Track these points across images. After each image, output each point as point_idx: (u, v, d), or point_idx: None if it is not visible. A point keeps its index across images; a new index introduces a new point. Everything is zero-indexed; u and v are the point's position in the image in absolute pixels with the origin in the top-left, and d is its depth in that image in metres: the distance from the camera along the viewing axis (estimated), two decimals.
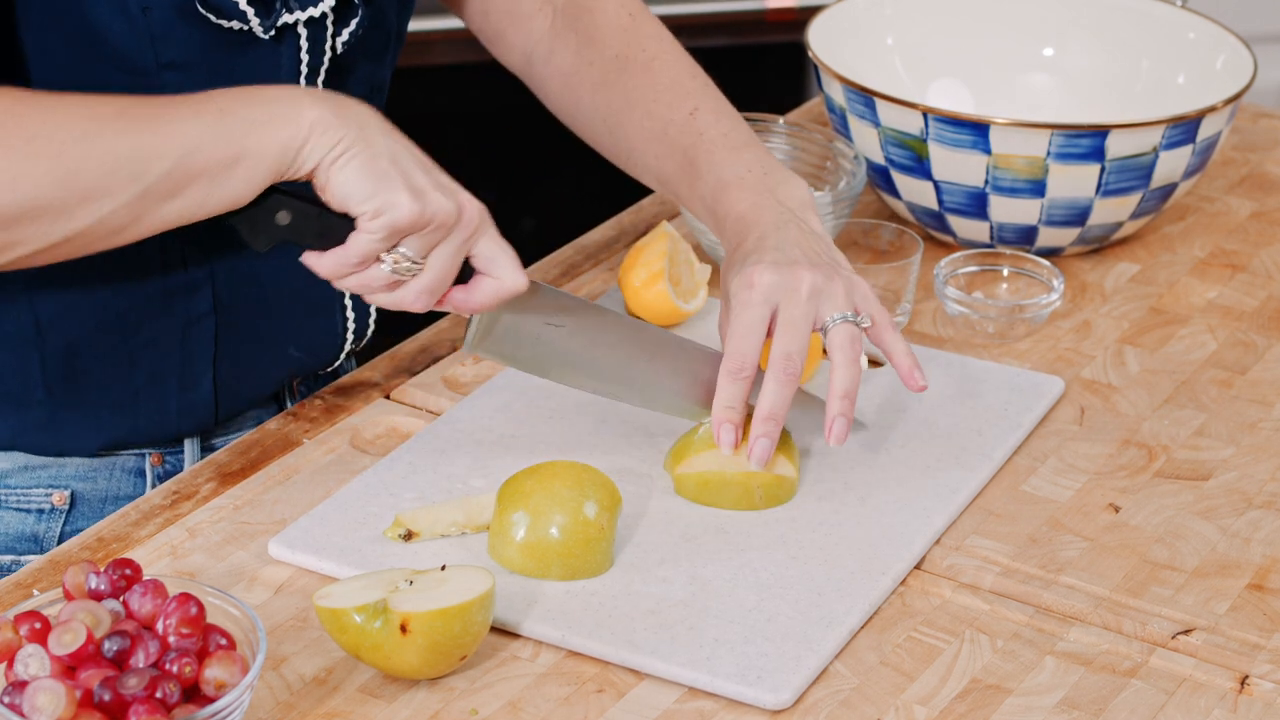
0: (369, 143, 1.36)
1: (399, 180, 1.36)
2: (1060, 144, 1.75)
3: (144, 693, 1.17)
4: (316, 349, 1.60)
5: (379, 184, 1.35)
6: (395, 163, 1.36)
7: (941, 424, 1.59)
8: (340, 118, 1.35)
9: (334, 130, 1.35)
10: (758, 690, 1.31)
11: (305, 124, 1.34)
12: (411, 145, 1.39)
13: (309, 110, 1.35)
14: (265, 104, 1.35)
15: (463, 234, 1.39)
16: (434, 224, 1.37)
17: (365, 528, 1.45)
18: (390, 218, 1.36)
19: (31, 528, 1.56)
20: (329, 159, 1.35)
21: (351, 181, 1.35)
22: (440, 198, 1.37)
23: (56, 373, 1.50)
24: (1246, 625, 1.40)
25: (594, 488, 1.41)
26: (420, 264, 1.39)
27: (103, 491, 1.57)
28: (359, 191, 1.35)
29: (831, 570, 1.42)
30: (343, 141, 1.35)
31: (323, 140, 1.35)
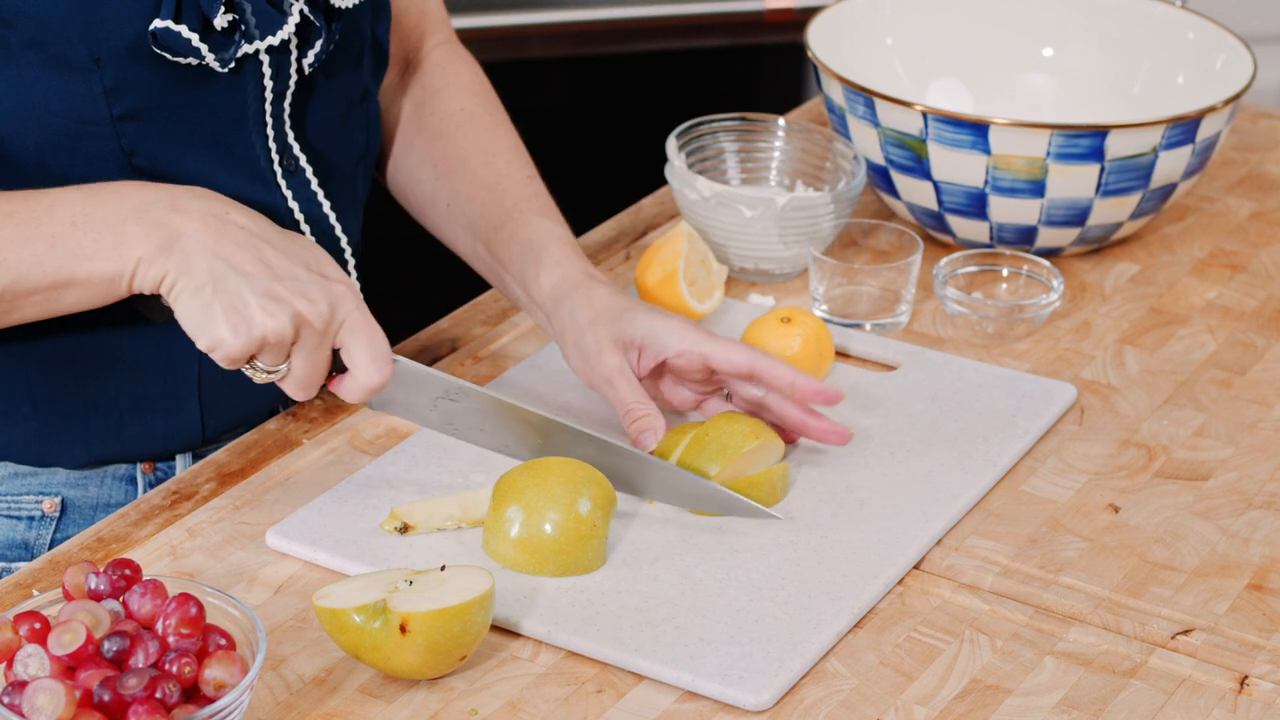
0: (193, 273, 1.35)
1: (220, 314, 1.35)
2: (1060, 144, 1.75)
3: (143, 693, 1.17)
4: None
5: (203, 321, 1.36)
6: (220, 290, 1.35)
7: (947, 429, 1.59)
8: (164, 249, 1.36)
9: (158, 265, 1.36)
10: (738, 690, 1.31)
11: (130, 259, 1.36)
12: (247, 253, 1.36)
13: (134, 245, 1.36)
14: (94, 235, 1.36)
15: (310, 340, 1.38)
16: (267, 344, 1.37)
17: (363, 520, 1.45)
18: (221, 353, 1.37)
19: (22, 535, 1.55)
20: (162, 289, 1.37)
21: (183, 316, 1.37)
22: (266, 320, 1.35)
23: (41, 393, 1.50)
24: (1246, 625, 1.40)
25: (589, 485, 1.41)
26: (279, 370, 1.39)
27: (94, 499, 1.57)
28: (190, 327, 1.37)
29: (824, 573, 1.42)
30: (168, 276, 1.36)
31: (149, 274, 1.36)
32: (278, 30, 1.45)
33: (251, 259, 1.36)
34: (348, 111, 1.57)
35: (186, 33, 1.40)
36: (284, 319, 1.36)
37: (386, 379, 1.41)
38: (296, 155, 1.52)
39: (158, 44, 1.40)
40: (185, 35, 1.40)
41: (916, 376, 1.66)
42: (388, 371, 1.40)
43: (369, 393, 1.41)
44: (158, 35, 1.39)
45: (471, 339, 1.72)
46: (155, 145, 1.43)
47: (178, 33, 1.40)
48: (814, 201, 1.77)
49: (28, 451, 1.53)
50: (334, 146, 1.56)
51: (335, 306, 1.38)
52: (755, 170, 1.89)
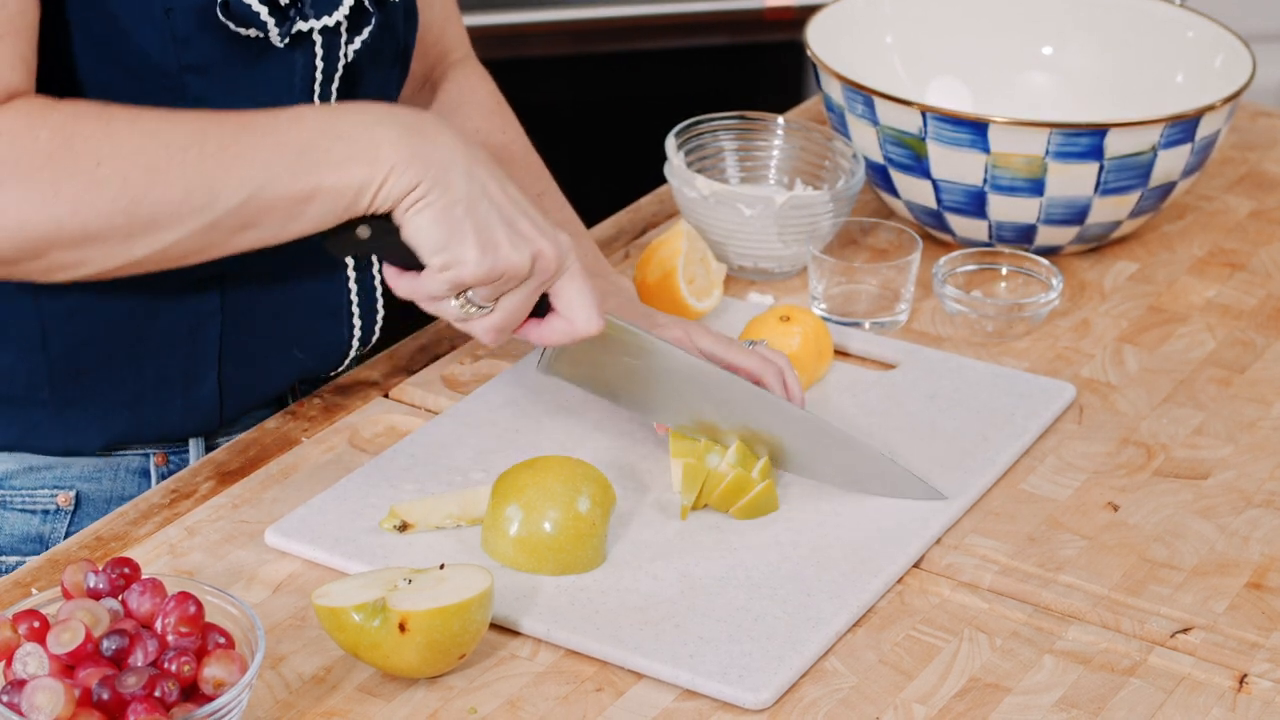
0: (446, 187, 1.35)
1: (470, 234, 1.35)
2: (1059, 143, 1.75)
3: (143, 691, 1.17)
4: (322, 352, 1.60)
5: (449, 236, 1.35)
6: (471, 211, 1.35)
7: (946, 427, 1.59)
8: (420, 158, 1.34)
9: (411, 173, 1.34)
10: (738, 689, 1.31)
11: (383, 166, 1.34)
12: (496, 183, 1.37)
13: (388, 150, 1.34)
14: (345, 141, 1.34)
15: (535, 282, 1.39)
16: (502, 279, 1.37)
17: (362, 519, 1.45)
18: (455, 273, 1.36)
19: (37, 529, 1.56)
20: (405, 203, 1.35)
21: (423, 230, 1.35)
22: (511, 253, 1.36)
23: (62, 373, 1.50)
24: (1245, 624, 1.40)
25: (588, 483, 1.41)
26: (488, 307, 1.39)
27: (107, 492, 1.57)
28: (429, 242, 1.35)
29: (824, 571, 1.42)
30: (420, 186, 1.34)
31: (399, 183, 1.34)
32: (334, 10, 1.47)
33: (499, 188, 1.37)
34: None
35: (255, 4, 1.42)
36: (526, 254, 1.37)
37: (601, 328, 1.42)
38: None
39: (226, 12, 1.41)
40: (254, 8, 1.42)
41: (915, 375, 1.66)
42: (601, 324, 1.42)
43: (576, 339, 1.42)
44: (229, 4, 1.40)
45: (470, 338, 1.72)
46: (219, 103, 1.43)
47: (247, 4, 1.41)
48: (813, 200, 1.77)
49: (44, 438, 1.53)
50: None
51: (564, 254, 1.39)
52: (754, 169, 1.89)
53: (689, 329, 1.53)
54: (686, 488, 1.47)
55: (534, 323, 1.43)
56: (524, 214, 1.38)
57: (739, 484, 1.47)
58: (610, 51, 2.92)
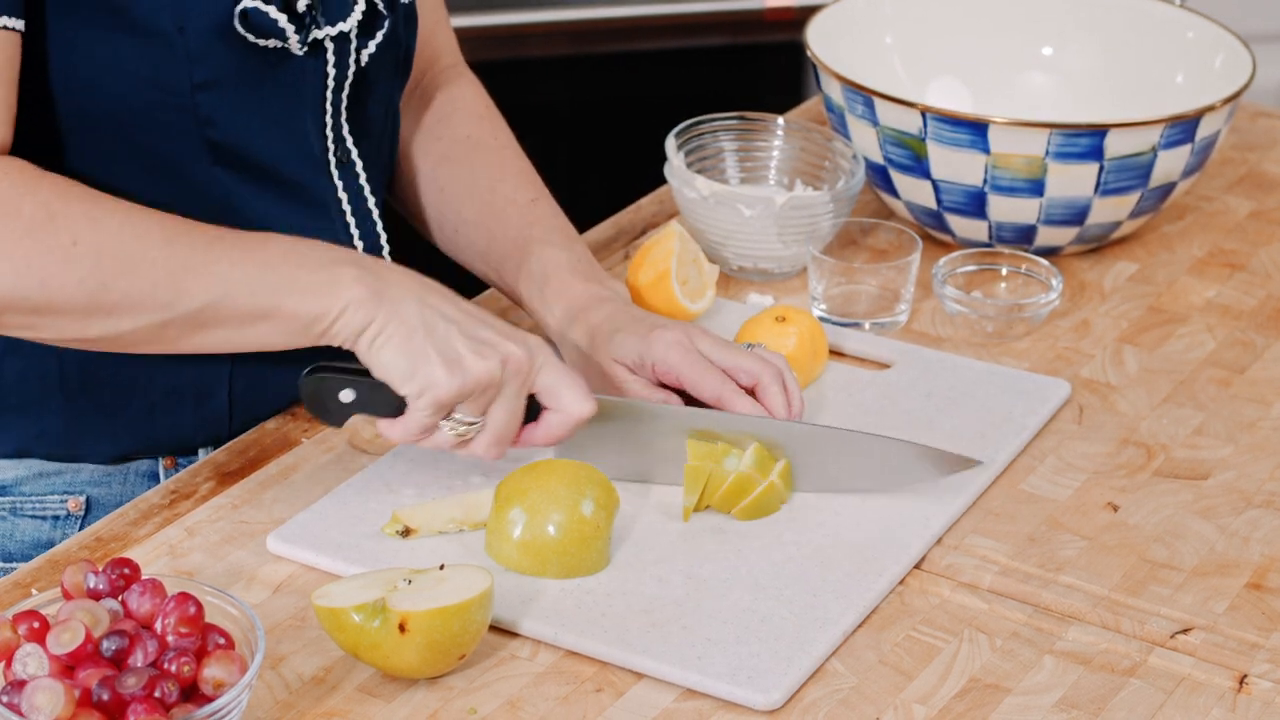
0: (402, 319, 1.38)
1: (433, 355, 1.38)
2: (1059, 143, 1.75)
3: (142, 692, 1.17)
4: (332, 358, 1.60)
5: (415, 364, 1.38)
6: (430, 335, 1.38)
7: (944, 427, 1.59)
8: (375, 295, 1.38)
9: (366, 310, 1.38)
10: (748, 690, 1.31)
11: (341, 300, 1.37)
12: (450, 304, 1.41)
13: (348, 288, 1.38)
14: (309, 270, 1.38)
15: (514, 384, 1.41)
16: (478, 389, 1.39)
17: (364, 524, 1.45)
18: (431, 396, 1.38)
19: (48, 534, 1.56)
20: (365, 339, 1.38)
21: (390, 363, 1.38)
22: (478, 362, 1.39)
23: (74, 381, 1.50)
24: (1245, 624, 1.40)
25: (591, 486, 1.41)
26: (481, 421, 1.41)
27: (117, 497, 1.57)
28: (397, 373, 1.38)
29: (828, 571, 1.42)
30: (375, 322, 1.38)
31: (354, 319, 1.38)
32: (347, 16, 1.49)
33: (455, 310, 1.41)
34: (386, 115, 1.59)
35: (275, 13, 1.43)
36: (495, 361, 1.39)
37: (593, 411, 1.44)
38: (349, 148, 1.54)
39: (246, 24, 1.42)
40: (273, 16, 1.43)
41: (911, 374, 1.66)
42: (593, 404, 1.44)
43: (575, 426, 1.44)
44: (249, 15, 1.42)
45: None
46: (229, 119, 1.45)
47: (266, 13, 1.42)
48: (813, 200, 1.77)
49: (57, 445, 1.53)
50: (377, 147, 1.59)
51: (534, 352, 1.42)
52: (754, 169, 1.89)
53: (687, 331, 1.53)
54: (688, 489, 1.47)
55: (531, 427, 1.45)
56: (484, 325, 1.41)
57: (741, 485, 1.47)
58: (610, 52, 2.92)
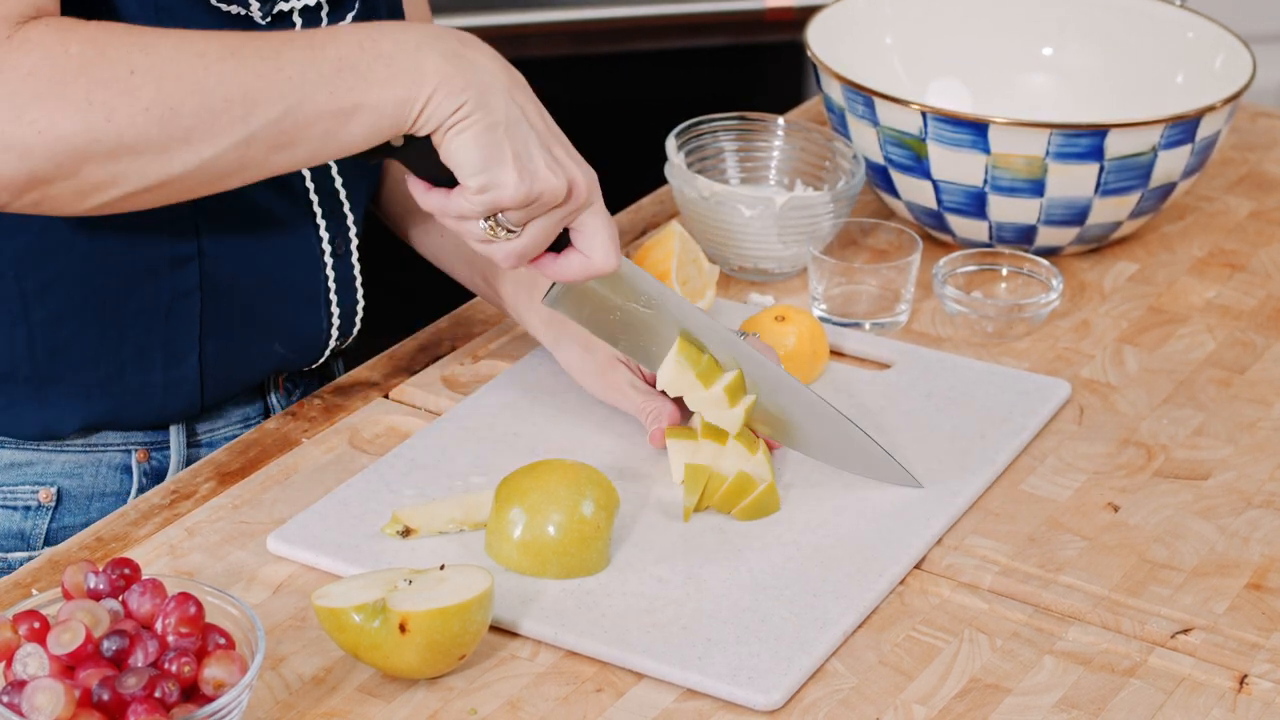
0: (488, 109, 1.34)
1: (510, 157, 1.35)
2: (1059, 143, 1.75)
3: (143, 692, 1.17)
4: (301, 343, 1.60)
5: (490, 158, 1.34)
6: (511, 134, 1.35)
7: (944, 427, 1.59)
8: (463, 79, 1.34)
9: (456, 94, 1.33)
10: (748, 691, 1.31)
11: (428, 85, 1.33)
12: (534, 108, 1.37)
13: (431, 69, 1.33)
14: (386, 59, 1.33)
15: (565, 210, 1.39)
16: (538, 203, 1.37)
17: (364, 524, 1.45)
18: (494, 195, 1.36)
19: (18, 525, 1.56)
20: (447, 122, 1.34)
21: (463, 150, 1.34)
22: (549, 177, 1.36)
23: (43, 346, 1.50)
24: (1245, 624, 1.40)
25: (591, 486, 1.41)
26: (516, 231, 1.39)
27: (89, 488, 1.57)
28: (469, 163, 1.35)
29: (828, 572, 1.42)
30: (464, 106, 1.34)
31: (444, 104, 1.33)
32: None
33: (537, 114, 1.37)
34: None
35: None
36: (562, 180, 1.37)
37: (616, 268, 1.42)
38: None
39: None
40: None
41: (911, 374, 1.66)
42: (617, 262, 1.42)
43: (591, 275, 1.42)
44: None
45: (471, 338, 1.72)
46: None
47: None
48: (813, 201, 1.77)
49: (24, 418, 1.52)
50: None
51: (593, 186, 1.40)
52: (755, 169, 1.89)
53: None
54: (689, 490, 1.47)
55: (550, 256, 1.43)
56: (559, 141, 1.38)
57: (741, 485, 1.47)
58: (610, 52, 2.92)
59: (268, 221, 1.53)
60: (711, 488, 1.47)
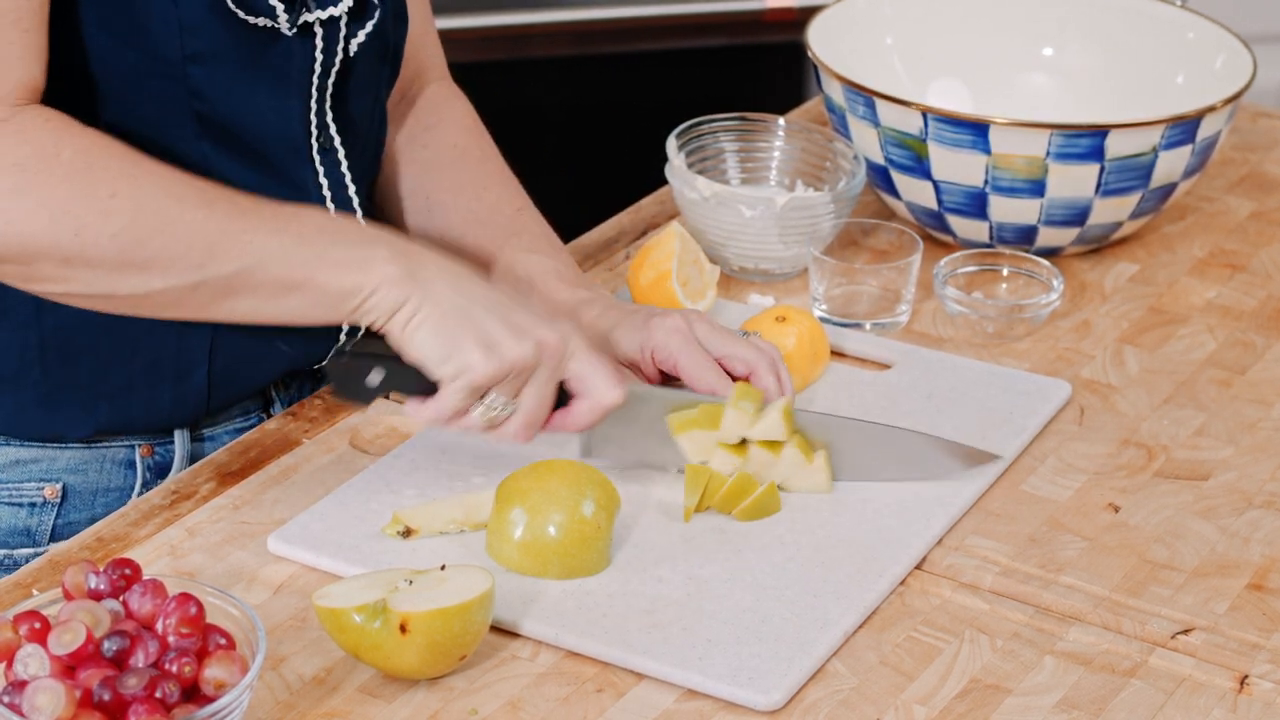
0: (436, 301, 1.39)
1: (469, 337, 1.39)
2: (1060, 144, 1.75)
3: (143, 692, 1.17)
4: (310, 343, 1.61)
5: (451, 346, 1.39)
6: (465, 317, 1.39)
7: (944, 427, 1.59)
8: (409, 276, 1.38)
9: (400, 289, 1.38)
10: (749, 691, 1.31)
11: (375, 277, 1.38)
12: (482, 290, 1.41)
13: (382, 265, 1.38)
14: (344, 245, 1.38)
15: (547, 369, 1.42)
16: (513, 372, 1.40)
17: (365, 524, 1.45)
18: (466, 379, 1.39)
19: (24, 521, 1.56)
20: (398, 320, 1.38)
21: (425, 345, 1.39)
22: (515, 345, 1.39)
23: (54, 354, 1.50)
24: (1246, 625, 1.40)
25: (592, 487, 1.41)
26: (513, 404, 1.42)
27: (93, 484, 1.57)
28: (433, 355, 1.39)
29: (829, 572, 1.42)
30: (409, 303, 1.38)
31: (388, 298, 1.38)
32: (338, 2, 1.50)
33: (486, 293, 1.41)
34: (373, 108, 1.60)
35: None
36: (529, 345, 1.40)
37: (623, 396, 1.44)
38: (333, 135, 1.55)
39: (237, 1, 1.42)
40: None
41: (912, 375, 1.66)
42: (622, 392, 1.45)
43: (603, 414, 1.45)
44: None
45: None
46: (218, 94, 1.46)
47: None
48: (814, 201, 1.77)
49: (34, 422, 1.53)
50: (361, 141, 1.59)
51: (567, 338, 1.43)
52: (755, 170, 1.89)
53: (686, 317, 1.54)
54: (689, 490, 1.47)
55: (561, 413, 1.46)
56: (518, 309, 1.42)
57: (742, 486, 1.47)
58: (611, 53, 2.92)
59: None
60: (712, 488, 1.47)
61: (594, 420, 1.45)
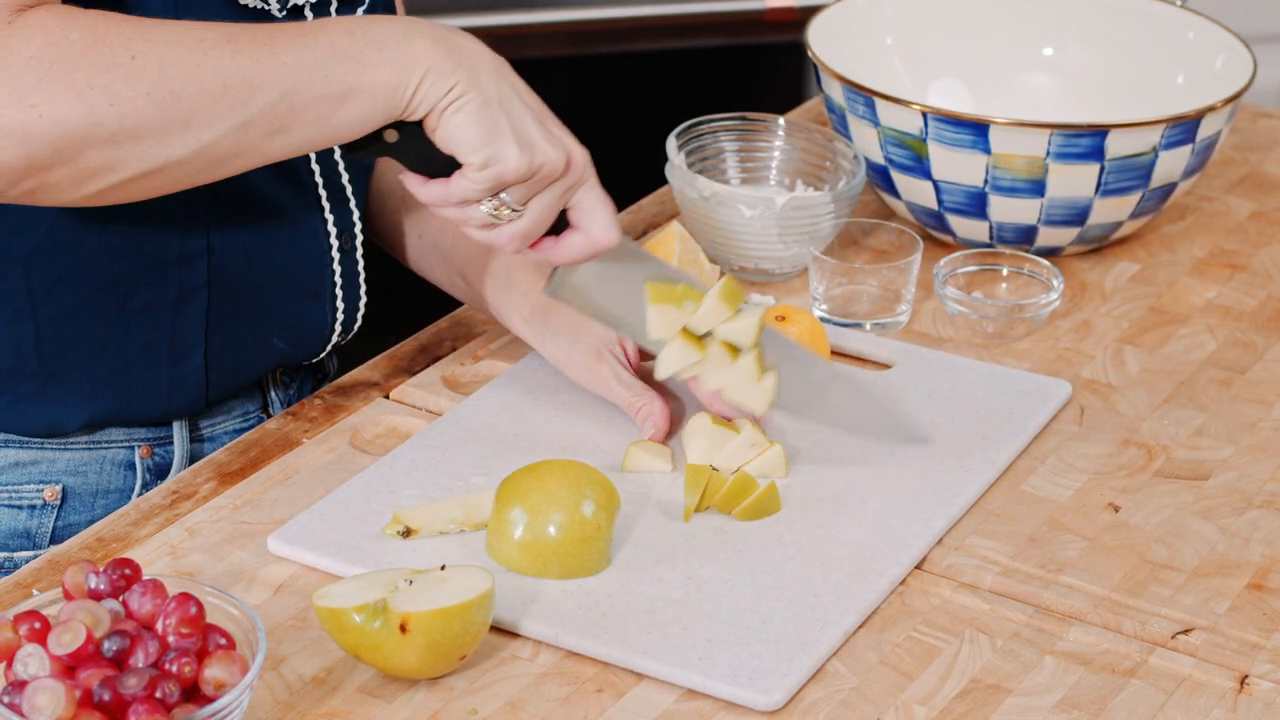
0: (481, 88, 1.36)
1: (508, 131, 1.36)
2: (1060, 144, 1.75)
3: (144, 692, 1.17)
4: (303, 337, 1.61)
5: (489, 134, 1.36)
6: (506, 110, 1.36)
7: (945, 427, 1.59)
8: (453, 60, 1.35)
9: (447, 75, 1.35)
10: (749, 691, 1.31)
11: (419, 68, 1.35)
12: (523, 87, 1.39)
13: (422, 53, 1.35)
14: (377, 45, 1.35)
15: (565, 184, 1.40)
16: (540, 175, 1.38)
17: (365, 524, 1.45)
18: (497, 170, 1.37)
19: (24, 524, 1.56)
20: (440, 104, 1.35)
21: (461, 129, 1.36)
22: (549, 149, 1.37)
23: (50, 342, 1.50)
24: (1246, 625, 1.40)
25: (592, 486, 1.41)
26: (519, 210, 1.40)
27: (93, 485, 1.57)
28: (468, 141, 1.36)
29: (829, 572, 1.42)
30: (456, 87, 1.35)
31: (436, 86, 1.35)
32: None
33: (528, 92, 1.39)
34: None
35: None
36: (560, 152, 1.38)
37: (617, 241, 1.43)
38: None
39: None
40: None
41: (912, 375, 1.66)
42: (618, 234, 1.43)
43: (594, 252, 1.43)
44: None
45: (471, 339, 1.72)
46: None
47: None
48: (814, 201, 1.77)
49: (30, 414, 1.52)
50: None
51: (588, 160, 1.41)
52: (755, 170, 1.89)
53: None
54: (689, 490, 1.47)
55: (551, 240, 1.44)
56: (551, 118, 1.40)
57: (742, 486, 1.47)
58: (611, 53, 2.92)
59: (276, 217, 1.54)
60: (712, 488, 1.47)
61: (582, 257, 1.44)
